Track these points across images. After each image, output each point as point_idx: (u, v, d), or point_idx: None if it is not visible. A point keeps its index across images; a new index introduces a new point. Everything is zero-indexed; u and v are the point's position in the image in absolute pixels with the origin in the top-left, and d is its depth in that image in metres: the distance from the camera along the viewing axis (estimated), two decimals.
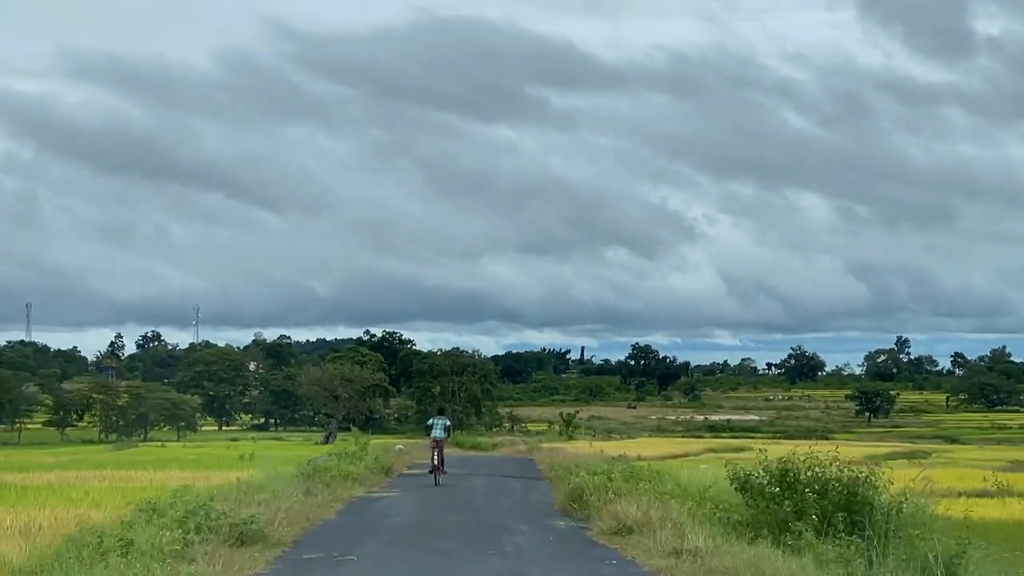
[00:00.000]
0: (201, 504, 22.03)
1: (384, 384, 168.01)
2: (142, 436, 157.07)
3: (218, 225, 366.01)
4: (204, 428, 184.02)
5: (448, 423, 41.77)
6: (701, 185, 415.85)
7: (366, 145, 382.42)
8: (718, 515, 23.04)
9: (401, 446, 65.56)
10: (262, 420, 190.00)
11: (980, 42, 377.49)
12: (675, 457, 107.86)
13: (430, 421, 41.45)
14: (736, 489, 22.97)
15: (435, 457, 40.18)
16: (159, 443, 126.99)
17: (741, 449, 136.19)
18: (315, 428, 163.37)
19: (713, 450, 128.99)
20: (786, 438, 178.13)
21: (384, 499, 34.41)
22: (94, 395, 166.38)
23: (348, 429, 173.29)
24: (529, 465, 53.74)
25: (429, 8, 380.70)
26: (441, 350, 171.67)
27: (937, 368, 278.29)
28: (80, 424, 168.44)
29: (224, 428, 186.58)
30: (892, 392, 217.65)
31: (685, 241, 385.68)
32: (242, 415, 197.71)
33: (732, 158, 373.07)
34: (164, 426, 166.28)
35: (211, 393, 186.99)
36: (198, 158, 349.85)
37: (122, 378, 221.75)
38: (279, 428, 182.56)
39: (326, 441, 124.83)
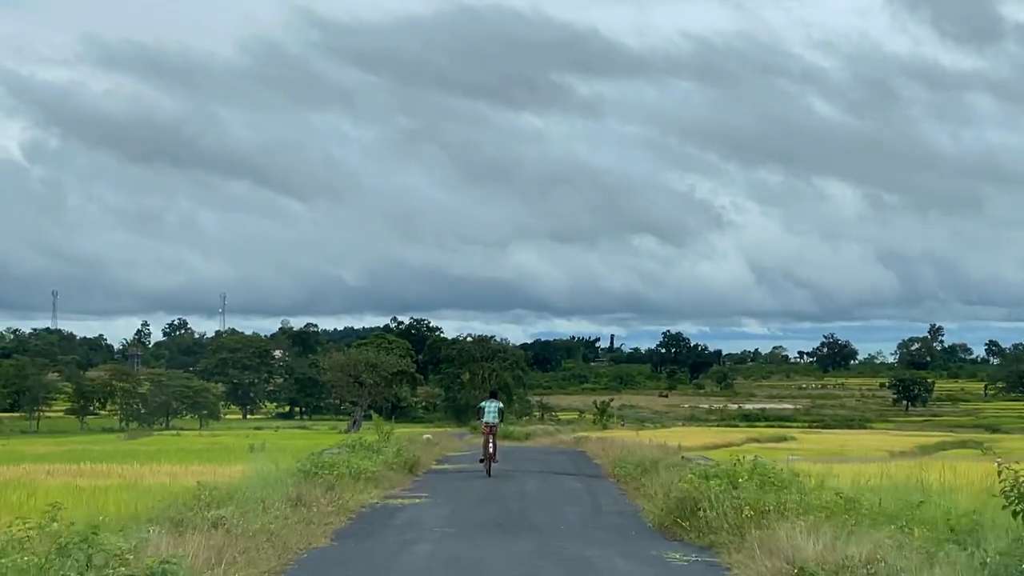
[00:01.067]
0: (78, 540, 12.00)
1: (411, 371, 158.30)
2: (163, 424, 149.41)
3: (245, 213, 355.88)
4: (228, 416, 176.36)
5: (501, 406, 35.77)
6: (728, 173, 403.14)
7: (392, 133, 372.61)
8: (985, 560, 12.81)
9: (429, 436, 55.66)
10: (287, 408, 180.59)
11: (1008, 28, 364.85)
12: (716, 448, 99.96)
13: (481, 404, 35.98)
14: (1018, 512, 12.80)
15: (488, 445, 34.31)
16: (176, 432, 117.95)
17: (783, 439, 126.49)
18: (341, 416, 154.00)
19: (755, 440, 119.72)
20: (823, 427, 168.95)
21: (406, 510, 24.17)
22: (114, 383, 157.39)
23: (372, 418, 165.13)
24: (581, 459, 43.77)
25: None
26: (471, 335, 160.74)
27: (972, 356, 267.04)
28: (102, 412, 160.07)
29: (249, 416, 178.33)
30: (929, 380, 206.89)
31: (713, 229, 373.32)
32: (267, 403, 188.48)
33: (759, 146, 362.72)
34: (186, 414, 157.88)
35: (235, 381, 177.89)
36: (225, 146, 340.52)
37: (148, 366, 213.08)
38: (304, 416, 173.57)
39: (350, 430, 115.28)
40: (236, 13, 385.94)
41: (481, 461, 34.44)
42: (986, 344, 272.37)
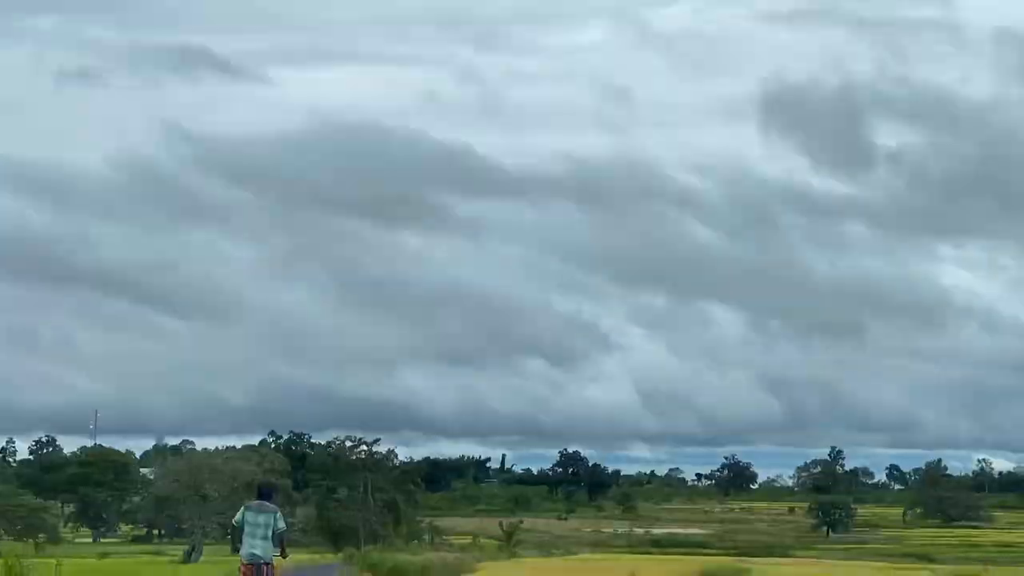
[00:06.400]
0: None
1: (285, 486, 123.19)
2: None
3: (124, 332, 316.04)
4: (78, 540, 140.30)
5: (279, 520, 15.76)
6: (612, 296, 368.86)
7: (272, 252, 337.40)
8: None
9: None
10: (144, 531, 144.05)
11: (880, 156, 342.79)
12: None
13: (238, 515, 16.01)
14: None
15: None
16: None
17: (739, 571, 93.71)
18: (206, 540, 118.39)
19: (713, 575, 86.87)
20: (744, 555, 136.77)
21: None
22: None
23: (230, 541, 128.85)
24: None
25: (325, 113, 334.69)
26: (351, 438, 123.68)
27: (873, 481, 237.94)
28: None
29: (102, 540, 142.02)
30: (852, 505, 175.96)
31: (600, 352, 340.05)
32: (124, 525, 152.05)
33: (641, 269, 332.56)
34: (21, 538, 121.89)
35: (86, 499, 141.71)
36: (100, 263, 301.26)
37: (9, 484, 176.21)
38: (164, 540, 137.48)
39: (187, 559, 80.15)
40: (105, 128, 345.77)
41: None
42: (887, 468, 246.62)
